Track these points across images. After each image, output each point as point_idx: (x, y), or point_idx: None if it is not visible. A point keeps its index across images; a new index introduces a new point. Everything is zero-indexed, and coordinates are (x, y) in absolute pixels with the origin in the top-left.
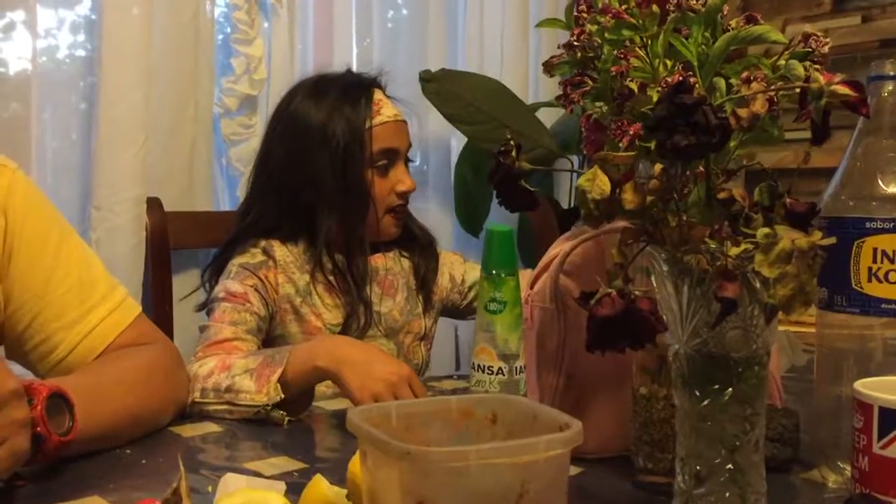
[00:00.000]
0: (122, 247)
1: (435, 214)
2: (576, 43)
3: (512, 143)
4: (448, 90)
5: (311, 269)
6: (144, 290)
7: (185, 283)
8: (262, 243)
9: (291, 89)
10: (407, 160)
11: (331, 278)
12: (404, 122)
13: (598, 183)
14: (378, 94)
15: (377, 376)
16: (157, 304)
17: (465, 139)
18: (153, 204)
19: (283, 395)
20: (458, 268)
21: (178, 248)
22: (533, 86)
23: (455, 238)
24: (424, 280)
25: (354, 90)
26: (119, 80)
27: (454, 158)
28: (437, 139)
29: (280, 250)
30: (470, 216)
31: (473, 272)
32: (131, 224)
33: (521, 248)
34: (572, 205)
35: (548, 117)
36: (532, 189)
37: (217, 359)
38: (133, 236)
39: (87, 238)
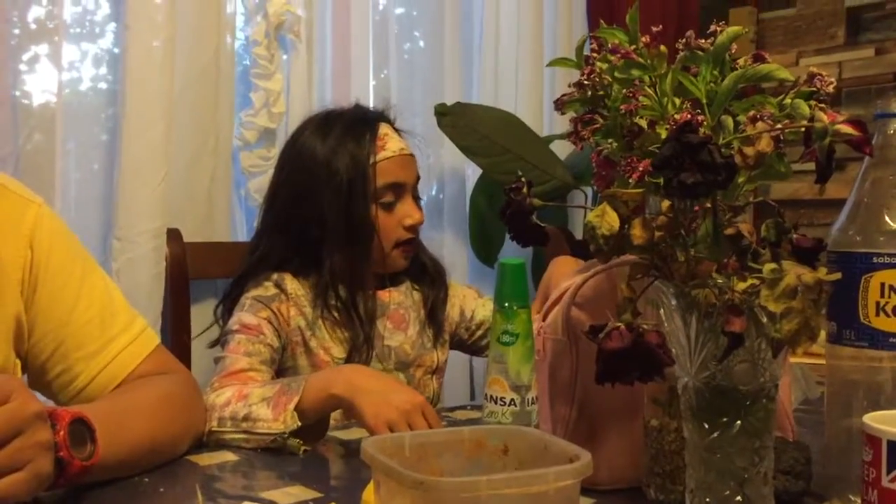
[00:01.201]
0: (143, 277)
1: (450, 245)
2: (586, 81)
3: (523, 179)
4: (463, 123)
5: (317, 304)
6: (164, 320)
7: (203, 313)
8: (275, 276)
9: (301, 125)
10: (416, 195)
11: (335, 314)
12: (411, 155)
13: (607, 219)
14: (384, 129)
15: (392, 405)
16: (176, 334)
17: (479, 171)
18: (173, 235)
19: (299, 423)
20: (470, 302)
21: (197, 278)
22: (548, 118)
23: (470, 268)
24: (433, 311)
25: (359, 126)
26: (141, 113)
27: (469, 189)
28: (453, 169)
29: (291, 284)
30: (485, 247)
31: (484, 310)
32: (151, 254)
33: (535, 279)
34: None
35: (562, 149)
36: (543, 225)
37: (234, 388)
38: (153, 266)
39: (108, 268)
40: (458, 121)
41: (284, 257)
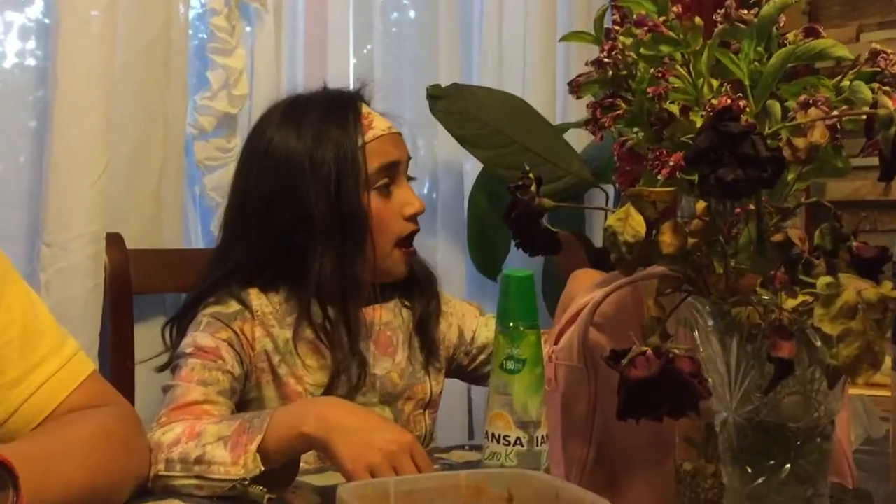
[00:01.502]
0: (77, 291)
1: (444, 252)
2: (607, 59)
3: (531, 175)
4: (461, 108)
5: (296, 321)
6: (102, 342)
7: (149, 334)
8: (237, 292)
9: (262, 117)
10: (409, 178)
11: (318, 333)
12: (399, 133)
13: (632, 223)
14: (365, 108)
15: (373, 445)
16: (117, 359)
17: (480, 165)
18: (114, 241)
19: (262, 468)
20: (471, 322)
21: (141, 292)
22: (561, 103)
23: (468, 281)
24: (424, 327)
25: (338, 108)
26: (76, 95)
27: (468, 186)
28: (448, 163)
29: (257, 299)
30: (486, 255)
31: (488, 330)
32: (88, 264)
33: (546, 295)
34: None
35: (578, 140)
36: (555, 230)
37: (184, 424)
38: (89, 279)
39: (36, 280)
40: (454, 106)
41: (257, 269)
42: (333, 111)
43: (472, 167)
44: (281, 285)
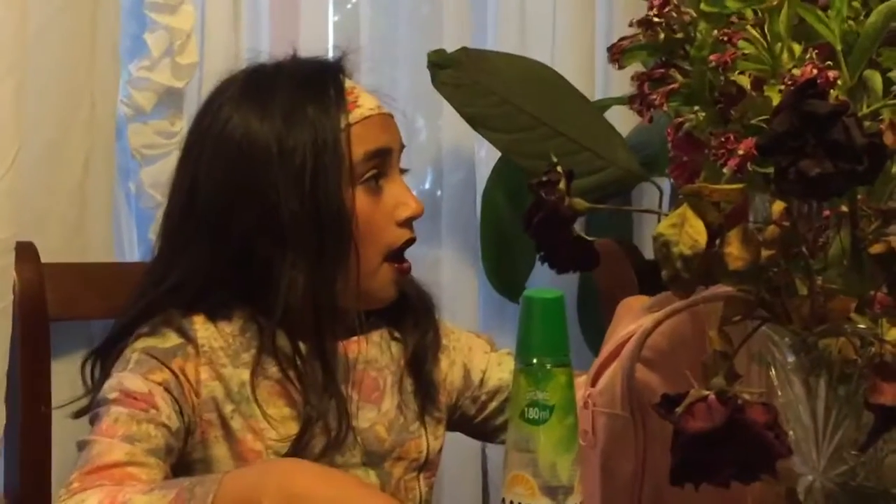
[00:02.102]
0: None
1: (451, 266)
2: (657, 19)
3: (559, 168)
4: (472, 80)
5: (255, 357)
6: (10, 383)
7: (70, 371)
8: (178, 320)
9: (215, 92)
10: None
11: (285, 371)
12: (390, 115)
13: (689, 230)
14: (348, 82)
15: None
16: (29, 404)
17: (497, 153)
18: (25, 252)
19: None
20: (479, 359)
21: (60, 318)
22: (601, 73)
23: (483, 304)
24: (418, 365)
25: (315, 81)
26: None
27: (481, 181)
28: (456, 150)
29: (204, 331)
30: (505, 270)
31: (500, 370)
32: None
33: (582, 320)
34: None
35: (624, 120)
36: (590, 238)
37: (101, 494)
38: None
39: None
40: (463, 76)
41: (205, 289)
42: (309, 85)
43: (486, 155)
44: (235, 311)
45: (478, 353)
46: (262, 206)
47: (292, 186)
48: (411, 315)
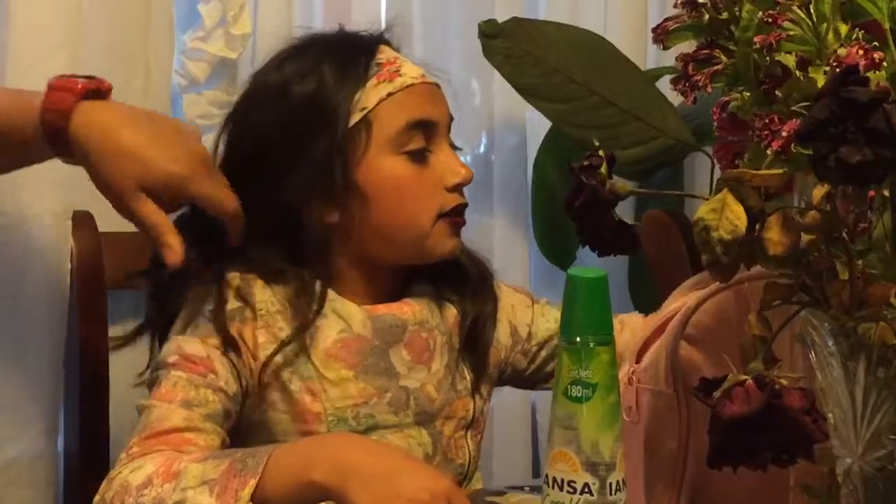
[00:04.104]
0: (35, 286)
1: (502, 234)
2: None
3: (601, 151)
4: (523, 50)
5: (312, 318)
6: (68, 352)
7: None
8: (236, 283)
9: (267, 62)
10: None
11: (341, 331)
12: (436, 84)
13: (729, 215)
14: (388, 52)
15: (401, 495)
16: (87, 373)
17: (548, 123)
18: (83, 221)
19: None
20: (523, 314)
21: (118, 287)
22: (653, 44)
23: (534, 271)
24: (475, 338)
25: (348, 48)
26: (34, 37)
27: (532, 150)
28: (507, 120)
29: (262, 293)
30: (556, 239)
31: (546, 320)
32: (49, 252)
33: (633, 291)
34: None
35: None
36: (631, 224)
37: (159, 460)
38: (51, 270)
39: None
40: (515, 46)
41: (260, 252)
42: (338, 50)
43: (538, 125)
44: (290, 275)
45: (520, 308)
46: (288, 158)
47: (293, 140)
48: (469, 286)
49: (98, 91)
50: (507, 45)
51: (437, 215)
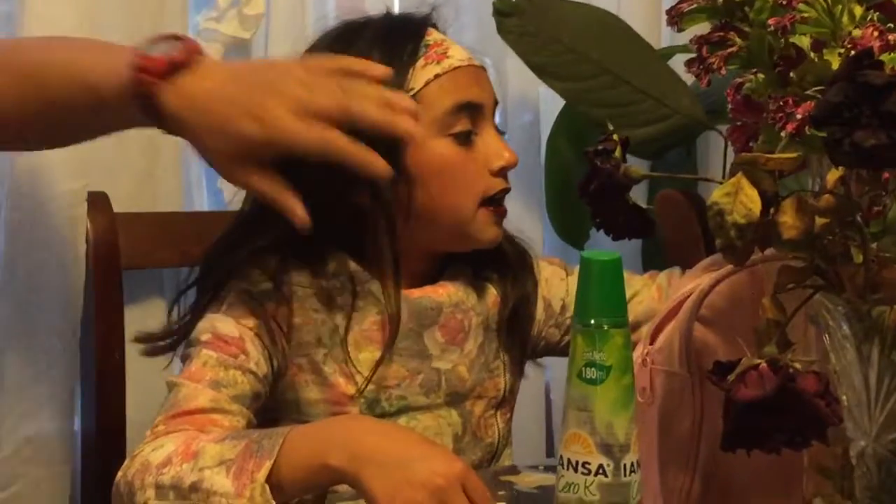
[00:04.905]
0: (52, 266)
1: (516, 214)
2: None
3: (615, 136)
4: (537, 29)
5: (349, 301)
6: (84, 332)
7: (142, 319)
8: (272, 264)
9: (309, 48)
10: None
11: (376, 314)
12: (482, 68)
13: (743, 199)
14: (435, 34)
15: (415, 481)
16: (103, 351)
17: (562, 101)
18: (98, 202)
19: (273, 503)
20: (557, 287)
21: (133, 267)
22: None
23: (548, 248)
24: (515, 321)
25: (395, 34)
26: (46, 18)
27: (545, 128)
28: (521, 98)
29: (297, 275)
30: (570, 217)
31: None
32: (65, 232)
33: (646, 270)
34: None
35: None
36: (645, 207)
37: (180, 439)
38: (67, 250)
39: None
40: (528, 24)
41: (298, 235)
42: (386, 36)
43: (551, 103)
44: (328, 257)
45: (554, 281)
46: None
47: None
48: (509, 268)
49: (181, 62)
50: (520, 23)
51: (480, 199)
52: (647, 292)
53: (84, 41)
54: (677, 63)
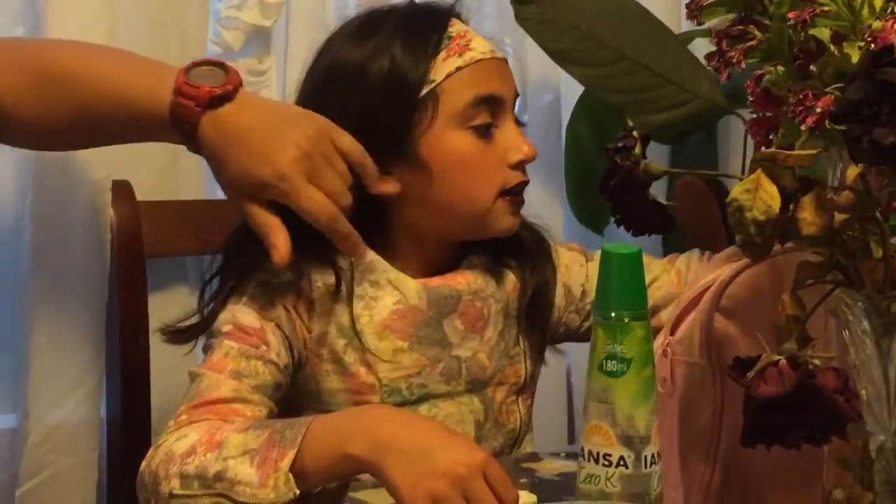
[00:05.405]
0: (76, 254)
1: (537, 199)
2: None
3: (634, 133)
4: (555, 15)
5: (369, 290)
6: (108, 318)
7: (165, 306)
8: (293, 255)
9: (330, 36)
10: (518, 122)
11: (397, 303)
12: (504, 60)
13: (763, 195)
14: (460, 26)
15: (436, 470)
16: (127, 338)
17: (581, 87)
18: (121, 191)
19: (297, 492)
20: (577, 273)
21: (156, 255)
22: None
23: (568, 234)
24: (536, 309)
25: (419, 23)
26: (73, 13)
27: (565, 114)
28: (541, 84)
29: (318, 265)
30: (590, 203)
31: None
32: (89, 220)
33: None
34: None
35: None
36: (665, 203)
37: (203, 428)
38: (92, 238)
39: (22, 243)
40: (546, 12)
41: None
42: (410, 26)
43: (570, 89)
44: (334, 251)
45: (574, 267)
46: (357, 131)
47: (371, 118)
48: (528, 255)
49: (224, 96)
50: (539, 10)
51: (498, 192)
52: (666, 277)
53: (120, 53)
54: (697, 47)
